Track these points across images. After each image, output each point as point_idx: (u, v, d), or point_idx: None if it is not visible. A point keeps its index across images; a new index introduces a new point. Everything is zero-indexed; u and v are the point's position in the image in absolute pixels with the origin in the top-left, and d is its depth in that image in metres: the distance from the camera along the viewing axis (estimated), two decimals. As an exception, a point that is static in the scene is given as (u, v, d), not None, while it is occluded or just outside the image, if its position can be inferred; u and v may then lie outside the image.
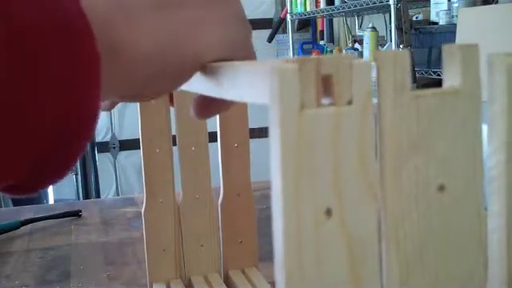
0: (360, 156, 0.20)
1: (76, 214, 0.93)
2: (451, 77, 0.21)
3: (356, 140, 0.20)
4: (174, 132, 0.58)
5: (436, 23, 2.11)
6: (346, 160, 0.20)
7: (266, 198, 0.77)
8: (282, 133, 0.19)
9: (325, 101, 0.19)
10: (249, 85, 0.23)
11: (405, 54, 0.20)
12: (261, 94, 0.21)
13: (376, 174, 0.20)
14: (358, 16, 2.97)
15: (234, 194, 0.59)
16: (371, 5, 2.26)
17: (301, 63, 0.19)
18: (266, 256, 0.61)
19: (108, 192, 3.36)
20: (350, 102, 0.20)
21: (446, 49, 0.22)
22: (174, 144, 0.57)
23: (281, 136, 0.19)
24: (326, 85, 0.19)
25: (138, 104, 0.56)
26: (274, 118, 0.19)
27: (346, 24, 3.12)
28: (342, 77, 0.19)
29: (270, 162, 0.19)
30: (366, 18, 2.92)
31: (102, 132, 3.36)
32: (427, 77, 2.16)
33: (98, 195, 2.72)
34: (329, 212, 0.19)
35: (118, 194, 3.35)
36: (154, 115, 0.56)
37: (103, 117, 3.37)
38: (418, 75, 2.15)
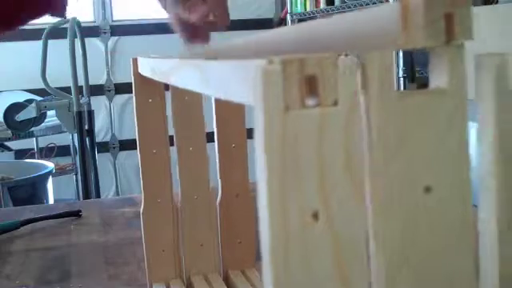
0: (346, 157, 0.20)
1: (76, 214, 0.93)
2: (437, 76, 0.21)
3: (342, 141, 0.19)
4: (170, 132, 0.57)
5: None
6: (332, 161, 0.19)
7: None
8: (267, 134, 0.19)
9: (311, 101, 0.19)
10: (234, 84, 0.23)
11: (389, 54, 0.20)
12: (246, 94, 0.21)
13: (363, 176, 0.20)
14: (357, 16, 2.97)
15: (233, 195, 0.59)
16: (371, 5, 2.26)
17: (284, 64, 0.19)
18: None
19: (108, 192, 3.36)
20: (335, 103, 0.19)
21: (433, 49, 0.21)
22: (171, 144, 0.57)
23: (265, 137, 0.19)
24: (312, 85, 0.19)
25: (135, 105, 0.56)
26: (258, 119, 0.19)
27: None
28: (326, 77, 0.19)
29: (256, 164, 0.19)
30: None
31: (102, 132, 3.36)
32: (427, 77, 2.16)
33: (97, 195, 2.72)
34: (315, 215, 0.19)
35: (117, 194, 3.35)
36: (150, 116, 0.56)
37: (103, 117, 3.37)
38: (417, 75, 2.15)
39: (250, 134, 0.60)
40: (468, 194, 0.21)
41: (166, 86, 0.56)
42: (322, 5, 2.90)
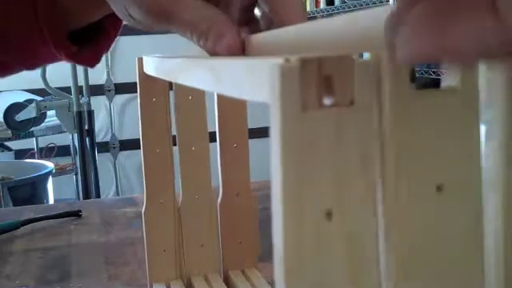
0: (361, 156, 0.20)
1: (76, 214, 0.93)
2: (450, 77, 0.21)
3: (358, 140, 0.19)
4: (173, 132, 0.57)
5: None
6: (348, 161, 0.19)
7: (265, 198, 0.77)
8: (283, 133, 0.19)
9: (327, 100, 0.19)
10: (249, 82, 0.22)
11: None
12: (261, 93, 0.20)
13: (377, 175, 0.20)
14: (358, 16, 2.97)
15: (233, 194, 0.59)
16: (371, 5, 2.26)
17: (302, 62, 0.18)
18: (266, 256, 0.61)
19: (108, 192, 3.36)
20: (351, 102, 0.19)
21: None
22: (174, 144, 0.57)
23: (282, 137, 0.19)
24: (328, 84, 0.19)
25: (139, 104, 0.56)
26: (274, 119, 0.19)
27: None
28: (343, 76, 0.19)
29: (271, 162, 0.19)
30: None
31: (102, 132, 3.37)
32: (427, 77, 2.16)
33: (98, 195, 2.72)
34: (329, 213, 0.19)
35: (118, 194, 3.36)
36: (154, 115, 0.56)
37: (103, 117, 3.37)
38: (417, 75, 2.15)
39: (251, 133, 0.60)
40: (479, 193, 0.21)
41: (170, 86, 0.56)
42: (322, 5, 2.90)
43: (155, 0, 0.36)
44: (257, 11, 0.41)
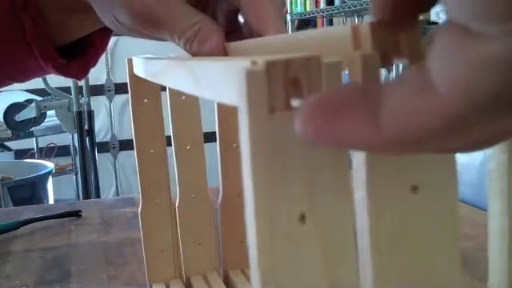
0: (333, 158, 0.19)
1: (76, 214, 0.93)
2: None
3: None
4: (166, 132, 0.57)
5: (436, 23, 2.11)
6: (319, 162, 0.19)
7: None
8: (251, 136, 0.18)
9: (295, 102, 0.19)
10: (222, 85, 0.22)
11: (373, 55, 0.20)
12: (232, 96, 0.20)
13: (350, 176, 0.20)
14: (357, 16, 2.97)
15: (234, 194, 0.59)
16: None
17: (268, 65, 0.18)
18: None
19: (108, 192, 3.36)
20: None
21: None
22: (167, 144, 0.57)
23: (250, 140, 0.18)
24: (296, 85, 0.19)
25: (131, 105, 0.55)
26: (242, 121, 0.19)
27: (346, 24, 3.12)
28: (311, 78, 0.19)
29: (242, 166, 0.19)
30: (366, 17, 2.92)
31: (102, 132, 3.37)
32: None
33: (97, 195, 2.72)
34: (302, 217, 0.19)
35: (117, 194, 3.36)
36: (146, 116, 0.56)
37: (103, 117, 3.37)
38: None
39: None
40: (454, 194, 0.21)
41: (163, 86, 0.56)
42: (322, 5, 2.91)
43: (145, 6, 0.36)
44: (240, 18, 0.41)
